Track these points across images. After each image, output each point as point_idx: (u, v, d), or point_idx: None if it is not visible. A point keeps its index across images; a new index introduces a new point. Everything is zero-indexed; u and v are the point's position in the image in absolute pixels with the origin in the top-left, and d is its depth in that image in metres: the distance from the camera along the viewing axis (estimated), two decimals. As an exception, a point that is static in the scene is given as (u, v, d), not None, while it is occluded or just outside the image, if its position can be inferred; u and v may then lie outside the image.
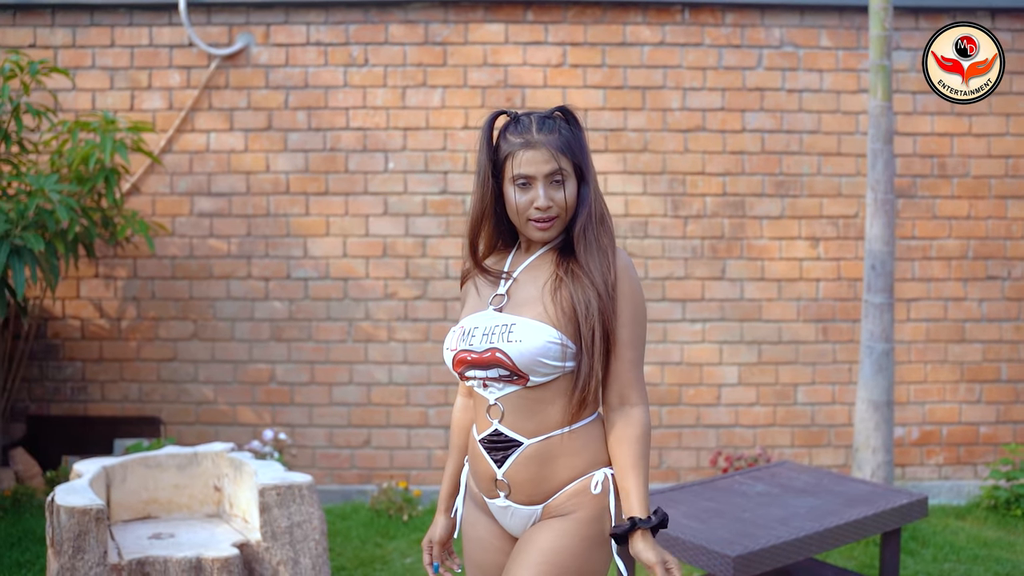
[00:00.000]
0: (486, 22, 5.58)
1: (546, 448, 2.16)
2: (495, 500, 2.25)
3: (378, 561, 4.50)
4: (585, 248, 2.18)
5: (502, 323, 2.16)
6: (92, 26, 5.61)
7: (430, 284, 5.67)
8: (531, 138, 2.18)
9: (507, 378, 2.14)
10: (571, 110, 2.25)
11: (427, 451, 5.70)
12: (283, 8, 5.59)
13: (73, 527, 3.53)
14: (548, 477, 2.17)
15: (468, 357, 2.19)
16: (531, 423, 2.17)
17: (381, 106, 5.63)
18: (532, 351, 2.11)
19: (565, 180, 2.19)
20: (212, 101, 5.65)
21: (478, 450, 2.24)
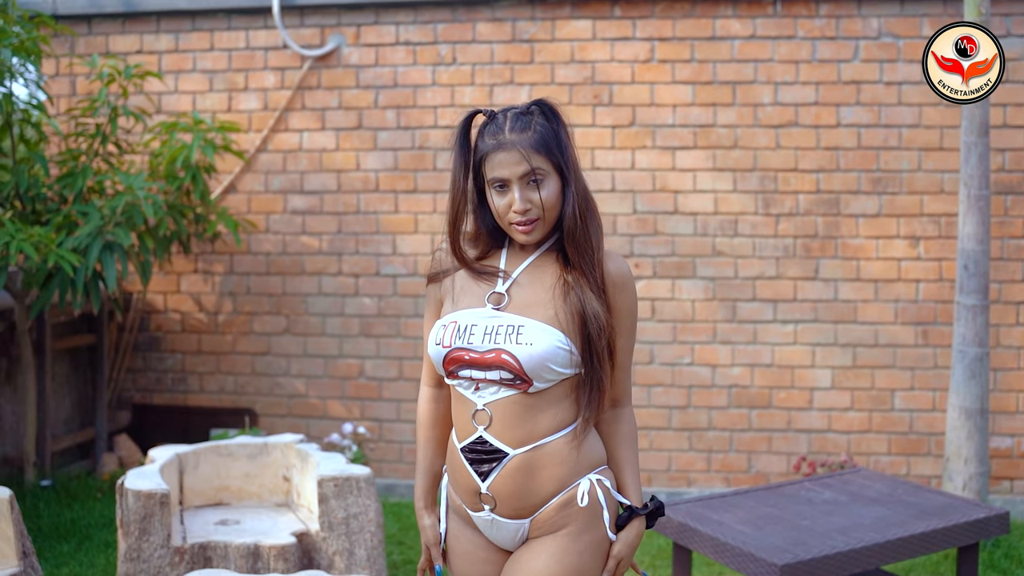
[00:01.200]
0: (573, 18, 5.54)
1: (532, 459, 2.09)
2: (479, 513, 2.16)
3: (447, 556, 4.53)
4: (577, 253, 2.10)
5: (507, 324, 2.07)
6: (193, 31, 5.82)
7: (516, 282, 5.66)
8: (503, 139, 2.09)
9: (508, 382, 2.07)
10: (550, 104, 2.14)
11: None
12: (373, 9, 5.68)
13: (139, 509, 3.66)
14: (534, 490, 2.10)
15: (466, 356, 2.09)
16: (519, 432, 2.08)
17: (469, 104, 5.65)
18: (542, 355, 2.04)
19: (543, 179, 2.08)
20: (305, 101, 5.79)
21: (459, 460, 2.14)
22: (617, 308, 2.14)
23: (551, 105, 2.14)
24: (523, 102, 2.17)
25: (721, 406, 5.54)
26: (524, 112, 2.13)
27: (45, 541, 4.58)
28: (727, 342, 5.52)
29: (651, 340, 5.55)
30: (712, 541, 3.35)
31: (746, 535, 3.34)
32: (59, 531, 4.67)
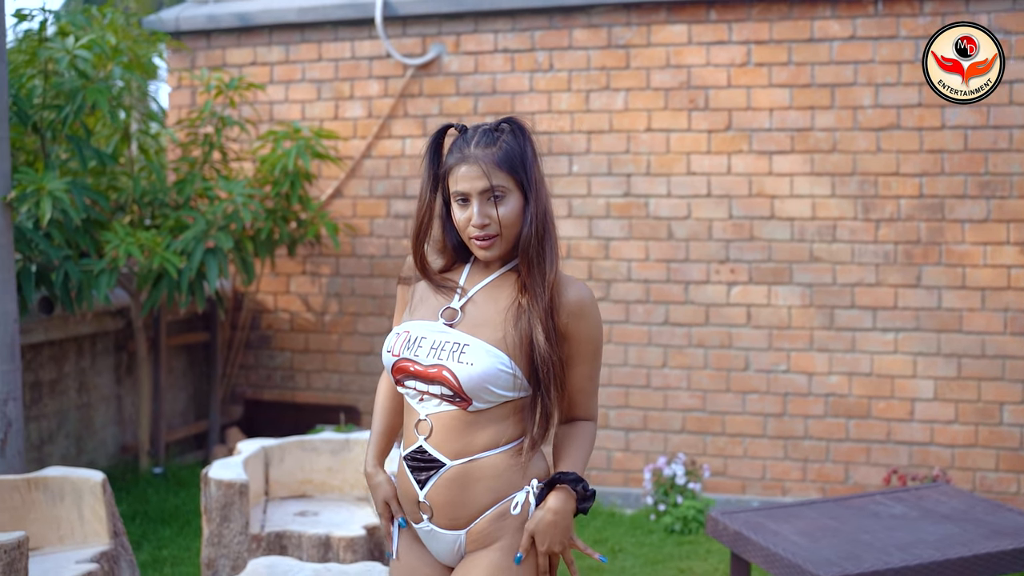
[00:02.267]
0: (669, 23, 5.53)
1: (468, 471, 2.10)
2: (419, 524, 2.19)
3: (524, 556, 4.60)
4: (528, 272, 2.11)
5: (454, 340, 2.09)
6: (303, 43, 6.07)
7: (612, 286, 5.69)
8: (467, 153, 2.09)
9: (448, 398, 2.08)
10: (519, 122, 2.15)
11: (607, 452, 5.72)
12: (472, 18, 5.80)
13: (220, 498, 3.87)
14: (469, 501, 2.11)
15: (411, 368, 2.12)
16: (457, 444, 2.10)
17: (565, 110, 5.72)
18: (481, 376, 2.05)
19: (504, 196, 2.09)
20: (407, 108, 5.96)
21: (402, 468, 2.18)
22: (576, 336, 2.12)
23: (520, 123, 2.15)
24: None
25: (818, 415, 5.43)
26: (493, 129, 2.14)
27: (150, 525, 4.87)
28: (824, 350, 5.41)
29: (747, 346, 5.49)
30: (763, 551, 3.32)
31: (799, 547, 3.29)
32: (164, 516, 4.96)
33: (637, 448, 5.66)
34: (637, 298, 5.64)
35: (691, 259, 5.56)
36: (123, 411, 5.76)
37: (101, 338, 5.56)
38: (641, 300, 5.64)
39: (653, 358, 5.64)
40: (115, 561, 3.68)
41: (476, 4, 5.73)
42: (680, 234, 5.57)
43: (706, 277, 5.54)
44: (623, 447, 5.69)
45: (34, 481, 3.77)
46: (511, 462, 2.10)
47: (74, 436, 5.41)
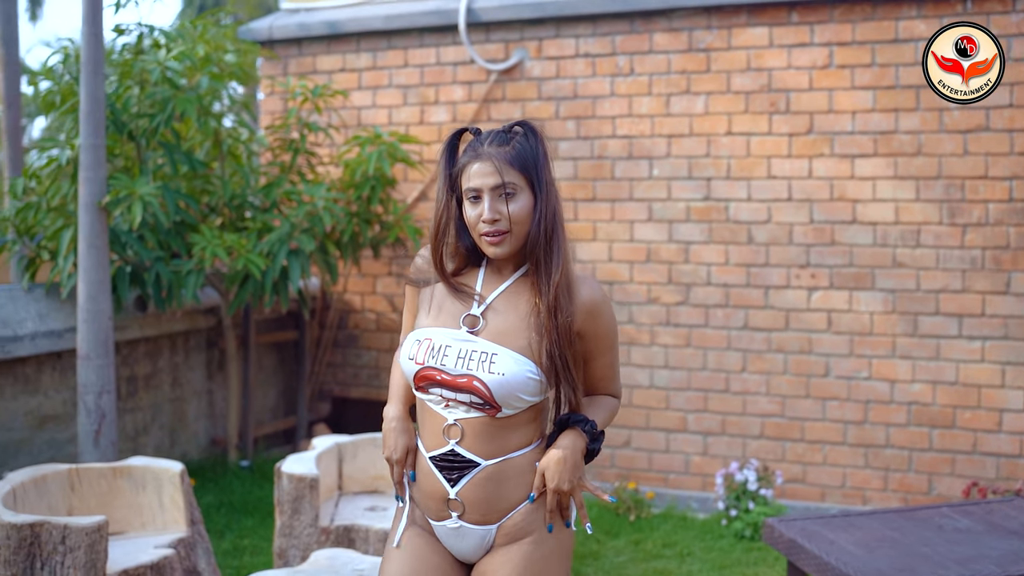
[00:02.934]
0: (749, 26, 5.49)
1: (503, 468, 2.14)
2: (445, 521, 2.20)
3: (591, 556, 4.64)
4: (535, 270, 2.14)
5: (481, 350, 2.11)
6: (389, 49, 6.22)
7: (692, 290, 5.68)
8: (480, 151, 2.15)
9: (477, 405, 2.11)
10: (531, 124, 2.21)
11: (685, 456, 5.71)
12: (554, 23, 5.86)
13: (292, 491, 4.02)
14: (503, 496, 2.15)
15: (437, 377, 2.12)
16: (491, 446, 2.13)
17: (646, 114, 5.73)
18: (512, 385, 2.09)
19: (515, 194, 2.12)
20: (491, 113, 6.05)
21: (427, 467, 2.18)
22: (594, 333, 2.19)
23: (532, 125, 2.21)
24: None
25: (900, 423, 5.32)
26: (506, 131, 2.21)
27: (234, 515, 5.07)
28: (907, 357, 5.30)
29: (827, 352, 5.42)
30: (816, 560, 3.30)
31: (853, 557, 3.26)
32: (247, 507, 5.15)
33: (715, 453, 5.64)
34: (717, 302, 5.62)
35: (771, 263, 5.51)
36: (214, 406, 6.00)
37: (194, 335, 5.81)
38: (721, 304, 5.61)
39: (732, 362, 5.60)
40: (192, 547, 3.86)
41: (558, 10, 5.79)
42: (760, 238, 5.53)
43: (786, 282, 5.49)
44: (701, 451, 5.68)
45: (119, 470, 3.98)
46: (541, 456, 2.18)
47: (168, 428, 5.66)
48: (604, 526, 5.07)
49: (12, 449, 4.77)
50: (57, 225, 4.87)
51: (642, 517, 5.23)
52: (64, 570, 3.30)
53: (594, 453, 2.22)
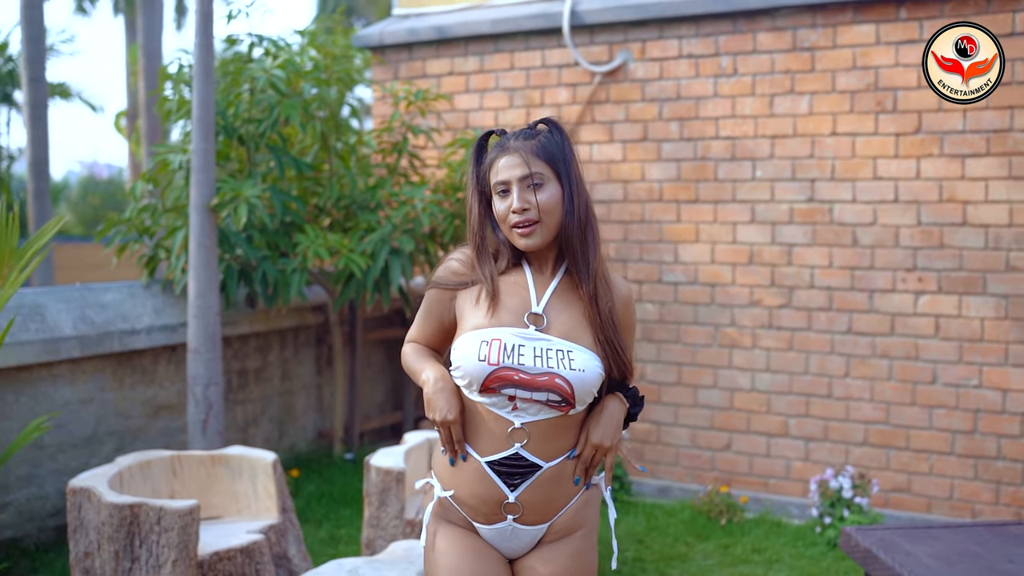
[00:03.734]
0: (855, 23, 5.37)
1: (561, 469, 2.17)
2: (497, 524, 2.19)
3: (679, 559, 4.63)
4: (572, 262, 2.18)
5: (556, 347, 2.12)
6: (496, 52, 6.33)
7: (795, 293, 5.59)
8: (507, 145, 2.19)
9: (554, 404, 2.11)
10: (555, 121, 2.24)
11: (786, 461, 5.63)
12: (657, 24, 5.85)
13: (379, 483, 4.16)
14: (559, 496, 2.19)
15: (515, 377, 2.09)
16: (552, 447, 2.15)
17: (749, 115, 5.67)
18: (591, 381, 2.12)
19: (542, 184, 2.14)
20: (595, 115, 6.09)
21: (481, 473, 2.15)
22: (627, 325, 2.28)
23: (556, 122, 2.25)
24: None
25: (1013, 434, 5.12)
26: (530, 128, 2.26)
27: (333, 506, 5.26)
28: (1021, 365, 5.09)
29: (934, 359, 5.25)
30: (889, 571, 3.23)
31: (928, 570, 3.18)
32: (347, 499, 5.33)
33: (816, 458, 5.54)
34: (820, 305, 5.52)
35: (876, 267, 5.38)
36: (322, 400, 6.22)
37: (303, 331, 6.04)
38: (824, 308, 5.51)
39: (835, 367, 5.49)
40: (282, 534, 4.04)
41: (661, 11, 5.78)
42: (865, 241, 5.40)
43: (892, 285, 5.35)
44: (802, 456, 5.58)
45: (217, 458, 4.20)
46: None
47: (276, 420, 5.90)
48: (695, 529, 5.05)
49: (129, 436, 5.07)
50: (174, 225, 5.15)
51: (734, 521, 5.18)
52: (159, 548, 3.51)
53: (633, 417, 2.29)
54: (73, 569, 3.70)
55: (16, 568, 4.51)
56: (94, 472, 3.82)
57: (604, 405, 2.22)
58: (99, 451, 4.93)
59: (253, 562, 3.71)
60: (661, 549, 4.75)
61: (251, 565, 3.70)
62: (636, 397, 2.28)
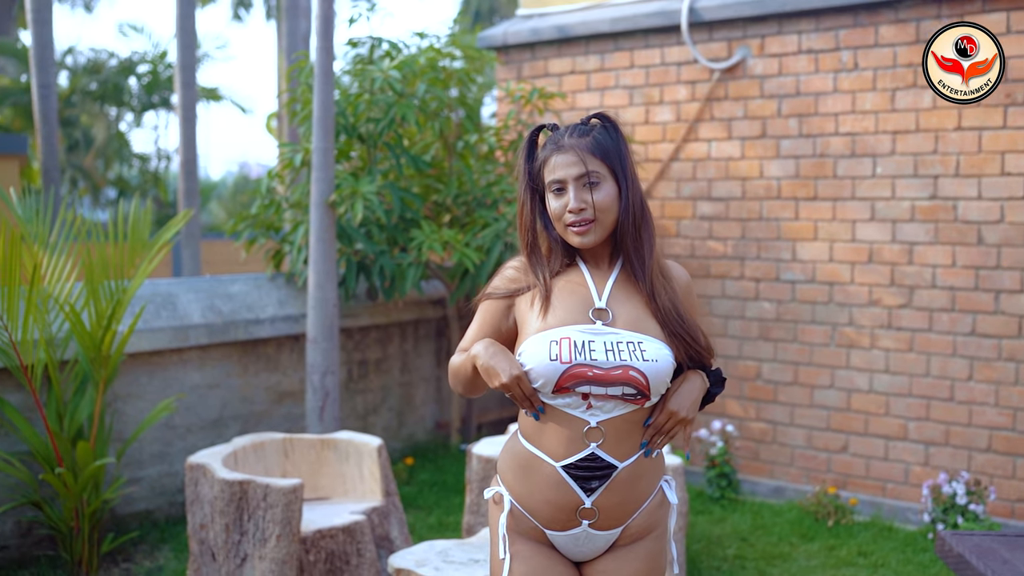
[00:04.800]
0: (984, 12, 5.19)
1: (635, 469, 2.14)
2: (572, 530, 2.16)
3: (781, 558, 4.58)
4: (627, 259, 2.17)
5: (627, 340, 2.09)
6: (616, 51, 6.37)
7: (916, 292, 5.45)
8: (561, 143, 2.15)
9: (630, 397, 2.07)
10: (609, 116, 2.20)
11: (904, 465, 5.49)
12: (776, 20, 5.79)
13: (480, 471, 4.28)
14: (633, 499, 2.15)
15: (589, 372, 2.06)
16: (626, 445, 2.12)
17: (869, 110, 5.55)
18: (664, 371, 2.09)
19: (598, 182, 2.12)
20: (713, 112, 6.06)
21: (556, 479, 2.12)
22: (689, 309, 2.26)
23: (610, 117, 2.21)
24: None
25: None
26: (583, 123, 2.21)
27: (444, 493, 5.41)
28: None
29: (1064, 363, 5.04)
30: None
31: (1020, 572, 3.09)
32: (459, 488, 5.47)
33: (937, 463, 5.38)
34: (942, 306, 5.36)
35: (1003, 266, 5.19)
36: (441, 391, 6.39)
37: (423, 324, 6.22)
38: (946, 308, 5.35)
39: (957, 370, 5.33)
40: (385, 517, 4.21)
41: (780, 6, 5.72)
42: (991, 239, 5.21)
43: (1020, 286, 5.15)
44: (922, 461, 5.43)
45: (326, 442, 4.39)
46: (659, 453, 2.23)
47: (396, 410, 6.10)
48: (800, 530, 4.98)
49: (253, 420, 5.34)
50: (297, 221, 5.40)
51: (841, 523, 5.09)
52: (265, 523, 3.71)
53: (712, 398, 2.24)
54: (190, 539, 3.95)
55: (146, 537, 4.83)
56: (211, 451, 4.06)
57: (686, 377, 2.18)
58: (224, 433, 5.21)
59: (354, 541, 3.88)
60: (764, 548, 4.71)
61: (352, 544, 3.87)
62: (718, 377, 2.26)
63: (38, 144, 9.90)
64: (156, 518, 5.01)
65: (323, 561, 3.84)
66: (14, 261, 4.09)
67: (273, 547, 3.69)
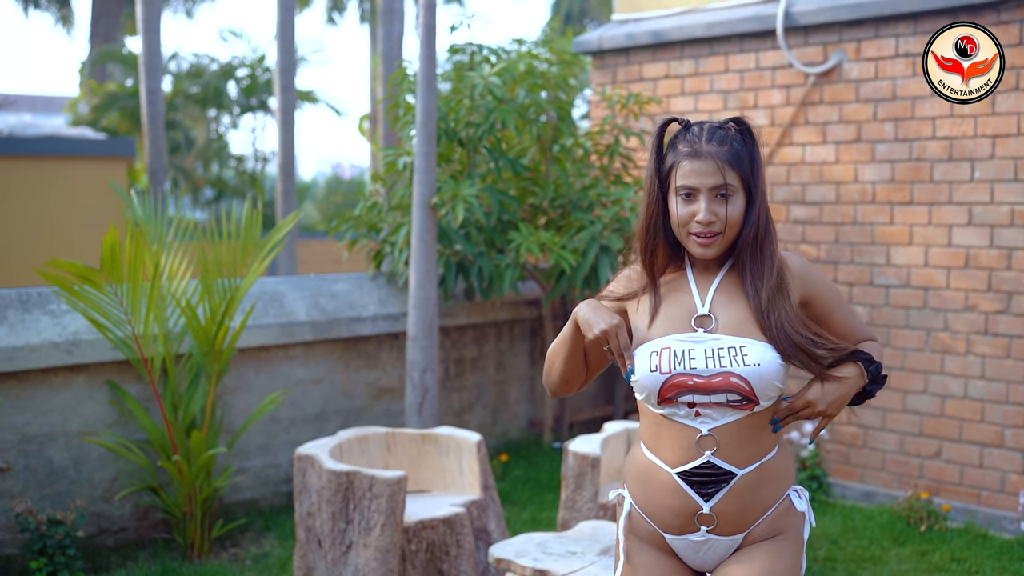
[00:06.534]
0: (1088, 17, 5.13)
1: (757, 476, 2.10)
2: (690, 535, 2.14)
3: (872, 561, 4.60)
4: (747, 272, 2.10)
5: (727, 345, 2.06)
6: (711, 55, 6.42)
7: (1014, 298, 5.40)
8: (699, 148, 2.08)
9: (736, 403, 2.05)
10: (746, 122, 2.13)
11: (1000, 473, 5.44)
12: (873, 23, 5.79)
13: (575, 468, 4.39)
14: (756, 505, 2.11)
15: (690, 382, 2.04)
16: (745, 452, 2.08)
17: (968, 114, 5.51)
18: (769, 374, 2.04)
19: (731, 195, 2.07)
20: (808, 116, 6.08)
21: (672, 485, 2.10)
22: (816, 295, 2.18)
23: (749, 124, 2.14)
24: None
25: None
26: (720, 127, 2.13)
27: (538, 490, 5.54)
28: None
29: None
30: None
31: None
32: (552, 485, 5.59)
33: (1034, 471, 5.33)
34: (1041, 312, 5.31)
35: (1105, 273, 5.13)
36: (535, 390, 6.52)
37: (518, 324, 6.36)
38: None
39: (1056, 377, 5.27)
40: (484, 510, 4.34)
41: (877, 9, 5.71)
42: (1093, 245, 5.16)
43: (1122, 293, 5.08)
44: (1019, 469, 5.38)
45: (427, 436, 4.55)
46: (785, 458, 2.17)
47: (491, 408, 6.25)
48: (892, 534, 4.99)
49: (353, 415, 5.53)
50: (399, 222, 5.57)
51: (934, 529, 5.07)
52: (370, 513, 3.88)
53: (870, 394, 2.17)
54: (298, 527, 4.14)
55: (252, 525, 5.05)
56: (318, 443, 4.24)
57: (841, 371, 2.12)
58: (326, 427, 5.41)
59: (454, 532, 4.02)
60: (855, 551, 4.74)
61: (452, 535, 4.02)
62: (878, 374, 2.16)
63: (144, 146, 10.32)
64: (261, 507, 5.23)
65: (424, 551, 3.99)
66: (139, 260, 4.33)
67: (378, 536, 3.85)
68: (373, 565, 3.86)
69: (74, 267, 4.11)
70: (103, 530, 4.66)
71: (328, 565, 4.02)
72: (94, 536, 4.61)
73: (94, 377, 4.61)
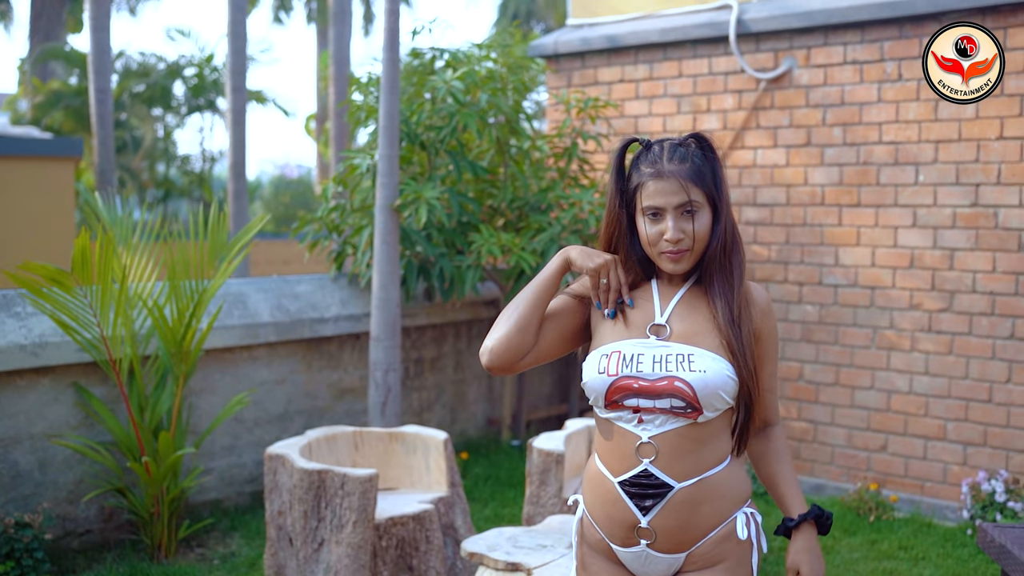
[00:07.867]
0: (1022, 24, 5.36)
1: (696, 492, 2.08)
2: (631, 548, 2.14)
3: (825, 551, 4.77)
4: (713, 284, 2.13)
5: (676, 352, 2.07)
6: (665, 60, 6.57)
7: (956, 297, 5.62)
8: (661, 168, 2.09)
9: (679, 410, 2.05)
10: (706, 138, 2.15)
11: (943, 464, 5.66)
12: (822, 31, 5.97)
13: (540, 464, 4.50)
14: (696, 523, 2.09)
15: (635, 384, 2.05)
16: (684, 464, 2.07)
17: (913, 120, 5.72)
18: (714, 383, 2.04)
19: (696, 211, 2.08)
20: (759, 120, 6.25)
21: (614, 495, 2.11)
22: (767, 335, 2.20)
23: (708, 139, 2.16)
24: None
25: None
26: (681, 144, 2.14)
27: (498, 487, 5.64)
28: None
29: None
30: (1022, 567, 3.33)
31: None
32: (512, 482, 5.70)
33: (975, 463, 5.54)
34: (981, 310, 5.53)
35: (1042, 272, 5.36)
36: (492, 390, 6.62)
37: (476, 324, 6.45)
38: (985, 312, 5.51)
39: (996, 373, 5.49)
40: (451, 506, 4.44)
41: (827, 18, 5.90)
42: (1031, 246, 5.38)
43: (1058, 292, 5.32)
44: (960, 461, 5.60)
45: (394, 435, 4.63)
46: (731, 478, 2.13)
47: (449, 407, 6.34)
48: (842, 525, 5.17)
49: (316, 415, 5.59)
50: (360, 224, 5.64)
51: (882, 519, 5.27)
52: (342, 510, 3.95)
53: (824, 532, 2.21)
54: (268, 525, 4.20)
55: (218, 525, 5.08)
56: (287, 442, 4.30)
57: (807, 538, 2.17)
58: (290, 427, 5.46)
59: (423, 528, 4.11)
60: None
61: (421, 531, 4.11)
62: (828, 522, 2.21)
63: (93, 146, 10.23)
64: (226, 507, 5.27)
65: (395, 547, 4.07)
66: (108, 263, 4.35)
67: (349, 532, 3.93)
68: (345, 562, 3.93)
69: (45, 269, 4.13)
70: (69, 532, 4.68)
71: (300, 563, 4.08)
72: (60, 538, 4.63)
73: (60, 379, 4.62)
